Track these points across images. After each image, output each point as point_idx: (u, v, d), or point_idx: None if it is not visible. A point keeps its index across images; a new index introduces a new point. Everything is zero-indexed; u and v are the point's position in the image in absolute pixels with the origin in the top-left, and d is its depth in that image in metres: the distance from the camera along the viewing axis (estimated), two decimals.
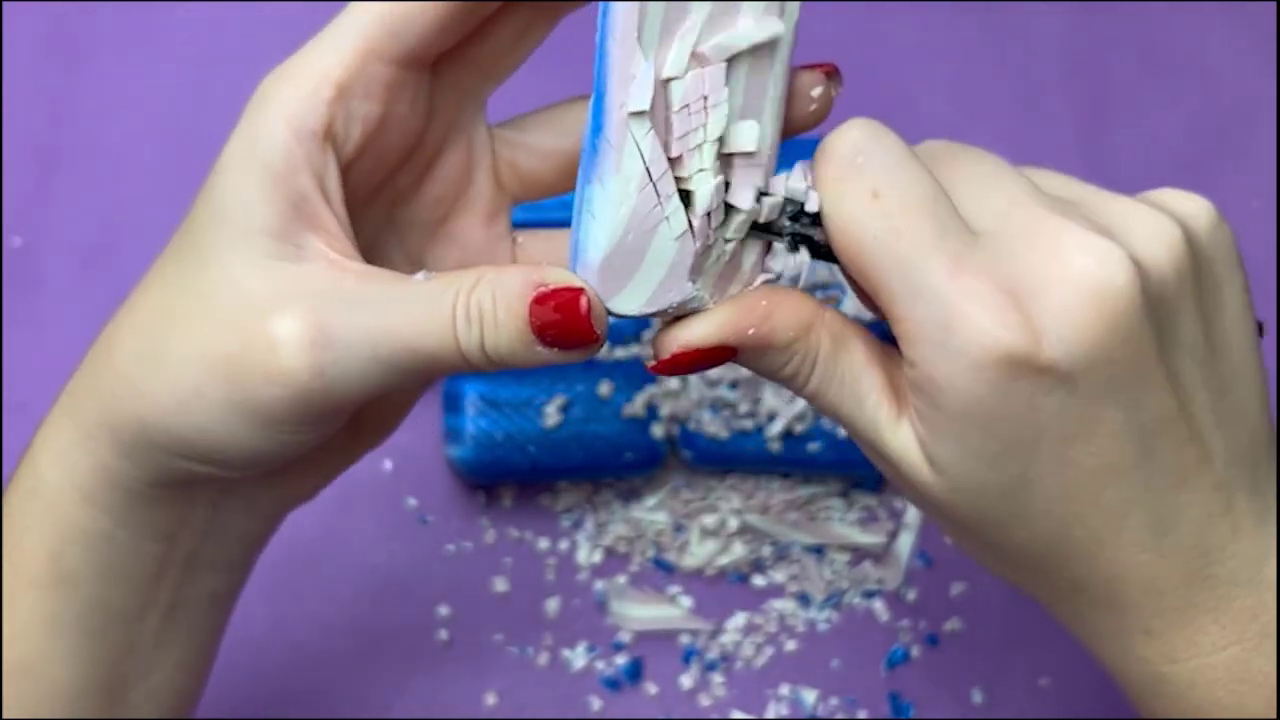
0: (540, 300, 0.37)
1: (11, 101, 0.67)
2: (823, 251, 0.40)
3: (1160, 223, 0.39)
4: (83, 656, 0.43)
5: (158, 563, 0.43)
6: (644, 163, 0.37)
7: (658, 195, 0.38)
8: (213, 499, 0.43)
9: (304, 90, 0.39)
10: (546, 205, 0.45)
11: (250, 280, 0.39)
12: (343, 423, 0.41)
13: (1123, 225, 0.39)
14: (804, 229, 0.39)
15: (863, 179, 0.38)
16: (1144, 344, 0.38)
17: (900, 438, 0.40)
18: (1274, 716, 0.40)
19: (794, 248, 0.40)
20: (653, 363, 0.40)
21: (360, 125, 0.40)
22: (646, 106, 0.37)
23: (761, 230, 0.40)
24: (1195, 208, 0.41)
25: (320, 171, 0.39)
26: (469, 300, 0.38)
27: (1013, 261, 0.38)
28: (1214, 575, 0.40)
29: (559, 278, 0.38)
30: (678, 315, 0.40)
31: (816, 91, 0.40)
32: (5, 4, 0.68)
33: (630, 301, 0.38)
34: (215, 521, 0.44)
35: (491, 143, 0.44)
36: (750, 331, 0.39)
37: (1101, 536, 0.39)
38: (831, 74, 0.41)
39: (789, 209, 0.39)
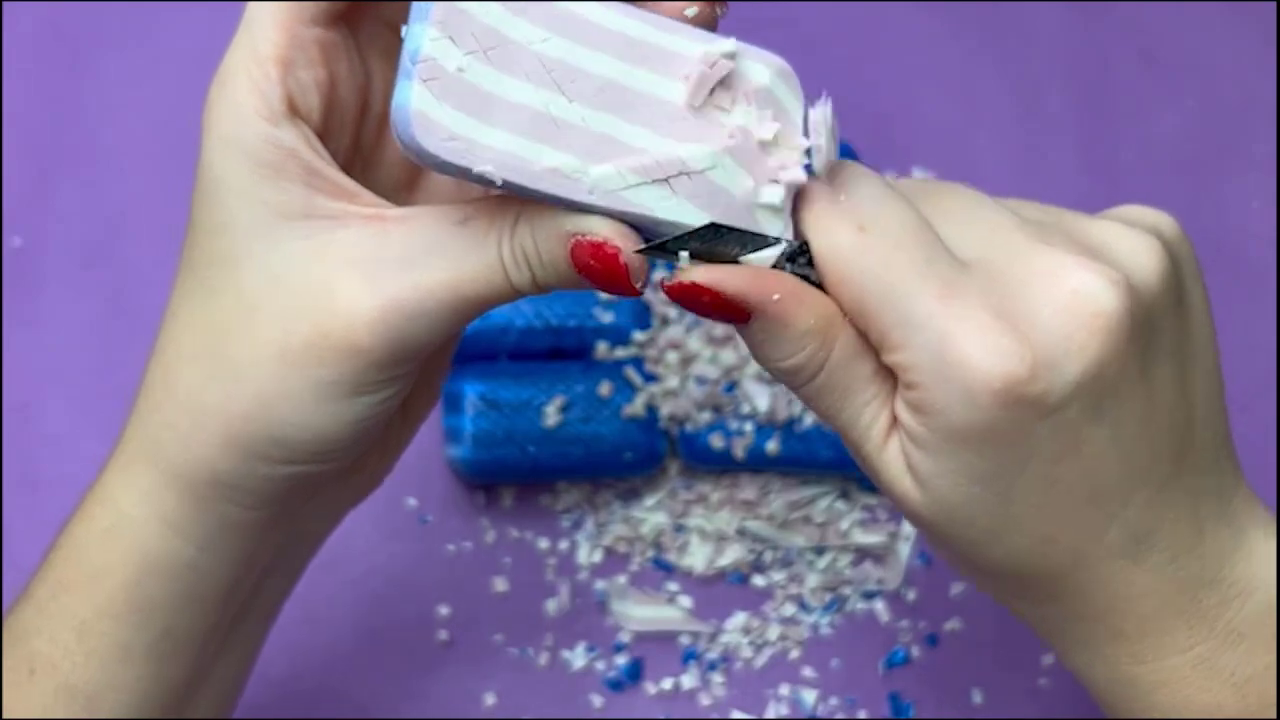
0: (579, 248, 0.38)
1: (11, 101, 0.67)
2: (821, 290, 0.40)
3: (1140, 238, 0.40)
4: (148, 681, 0.43)
5: (233, 584, 0.44)
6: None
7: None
8: (298, 508, 0.43)
9: (253, 78, 0.39)
10: None
11: (299, 270, 0.39)
12: (420, 370, 0.42)
13: (1105, 245, 0.39)
14: (801, 269, 0.39)
15: (847, 215, 0.38)
16: (1131, 361, 0.38)
17: (888, 451, 0.40)
18: (1247, 718, 0.41)
19: None
20: (670, 282, 0.39)
21: (316, 93, 0.40)
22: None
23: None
24: (1161, 220, 0.41)
25: (310, 144, 0.40)
26: (513, 244, 0.39)
27: (1004, 286, 0.38)
28: (1181, 578, 0.40)
29: (590, 227, 0.38)
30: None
31: (690, 13, 0.38)
32: (5, 4, 0.68)
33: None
34: (294, 532, 0.45)
35: None
36: (776, 297, 0.38)
37: (1081, 550, 0.40)
38: None
39: (788, 249, 0.39)
